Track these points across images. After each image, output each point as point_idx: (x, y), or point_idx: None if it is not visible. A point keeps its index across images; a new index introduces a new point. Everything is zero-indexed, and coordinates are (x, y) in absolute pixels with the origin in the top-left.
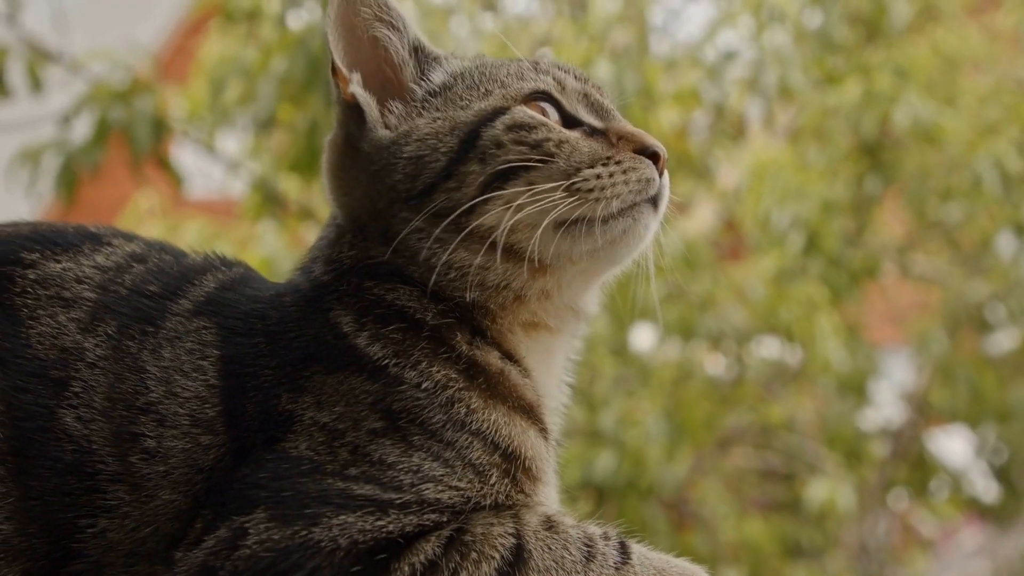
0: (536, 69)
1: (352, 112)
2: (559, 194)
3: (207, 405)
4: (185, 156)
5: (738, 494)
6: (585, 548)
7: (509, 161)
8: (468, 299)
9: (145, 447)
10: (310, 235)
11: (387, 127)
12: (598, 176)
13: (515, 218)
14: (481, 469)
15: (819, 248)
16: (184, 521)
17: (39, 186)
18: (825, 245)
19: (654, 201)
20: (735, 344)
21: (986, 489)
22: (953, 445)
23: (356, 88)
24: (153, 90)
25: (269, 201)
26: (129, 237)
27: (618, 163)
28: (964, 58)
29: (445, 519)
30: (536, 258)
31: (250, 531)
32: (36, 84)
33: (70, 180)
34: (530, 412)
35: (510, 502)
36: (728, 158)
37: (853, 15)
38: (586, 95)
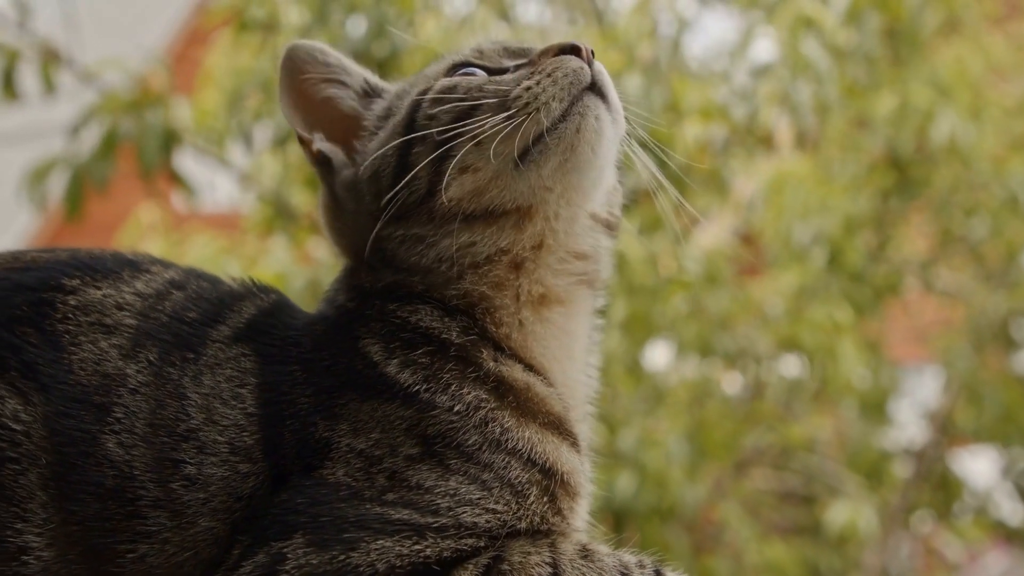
0: (455, 53)
1: (326, 166)
2: (500, 122)
3: (245, 433)
4: (191, 168)
5: (757, 517)
6: None
7: (444, 124)
8: (474, 291)
9: (186, 474)
10: (319, 250)
11: (355, 165)
12: (527, 89)
13: (474, 178)
14: (519, 488)
15: (842, 264)
16: (222, 547)
17: (44, 199)
18: (848, 261)
19: (596, 91)
20: (754, 362)
21: (1012, 511)
22: (978, 466)
23: (320, 144)
24: (165, 101)
25: (280, 215)
26: (167, 264)
27: (541, 71)
28: (989, 69)
29: (482, 544)
30: (512, 205)
31: (288, 556)
32: (49, 86)
33: (77, 194)
34: (560, 426)
35: (547, 524)
36: (745, 169)
37: (884, 28)
38: (505, 48)
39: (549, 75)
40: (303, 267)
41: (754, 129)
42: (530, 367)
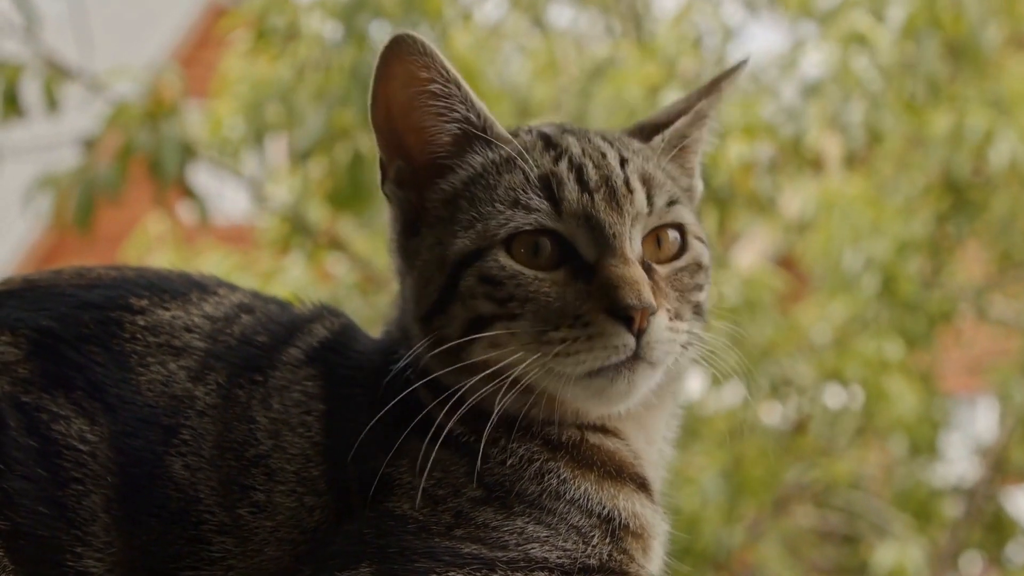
0: (539, 176)
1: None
2: (528, 351)
3: (311, 464)
4: (203, 180)
5: (797, 557)
6: None
7: (480, 312)
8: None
9: (255, 500)
10: (338, 267)
11: (415, 232)
12: (562, 340)
13: (499, 362)
14: (583, 531)
15: (895, 292)
16: (285, 574)
17: (42, 209)
18: (901, 289)
19: (638, 358)
20: (796, 393)
21: None
22: None
23: (389, 189)
24: (179, 112)
25: (297, 231)
26: (233, 287)
27: (584, 326)
28: None
29: None
30: (541, 392)
31: None
32: (52, 104)
33: (88, 206)
34: (620, 473)
35: (615, 563)
36: (790, 188)
37: (943, 43)
38: (587, 217)
39: (588, 339)
40: (321, 286)
41: (802, 149)
42: (588, 426)
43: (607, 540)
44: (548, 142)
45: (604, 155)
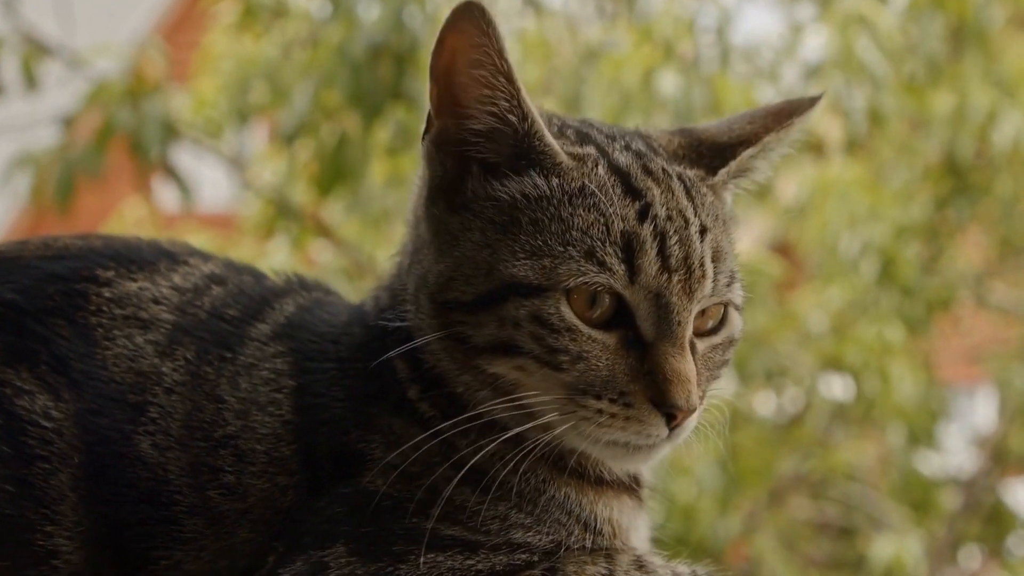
0: (621, 233)
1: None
2: (559, 403)
3: (283, 443)
4: (185, 162)
5: (793, 550)
6: None
7: (519, 345)
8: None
9: (224, 482)
10: (324, 253)
11: (452, 208)
12: (598, 411)
13: (522, 391)
14: (564, 524)
15: (893, 277)
16: (258, 555)
17: (21, 188)
18: (900, 274)
19: (667, 440)
20: (791, 383)
21: None
22: None
23: (428, 145)
24: (163, 90)
25: (282, 215)
26: (206, 256)
27: (626, 406)
28: None
29: (536, 559)
30: (549, 428)
31: (330, 565)
32: (31, 82)
33: (67, 187)
34: (600, 482)
35: (597, 547)
36: (786, 173)
37: (946, 26)
38: (658, 296)
39: (626, 419)
40: (306, 272)
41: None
42: None
43: (587, 535)
44: (628, 184)
45: (687, 221)
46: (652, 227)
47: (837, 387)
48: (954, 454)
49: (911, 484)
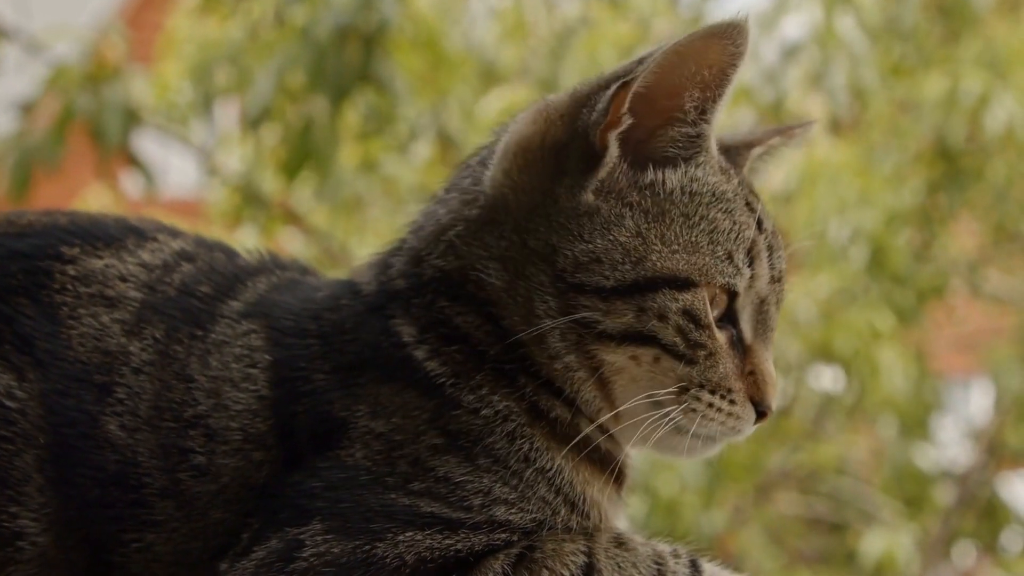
0: (749, 241)
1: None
2: (671, 393)
3: (258, 419)
4: (149, 149)
5: (781, 545)
6: (655, 566)
7: (658, 337)
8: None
9: (195, 463)
10: (293, 242)
11: (596, 192)
12: (709, 405)
13: (617, 377)
14: (550, 503)
15: (884, 265)
16: (232, 533)
17: None
18: (890, 261)
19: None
20: (779, 373)
21: None
22: None
23: (612, 141)
24: (123, 75)
25: (250, 202)
26: (175, 232)
27: (731, 403)
28: None
29: (515, 538)
30: (617, 410)
31: (306, 543)
32: None
33: (24, 176)
34: (602, 463)
35: (578, 527)
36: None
37: (931, 3)
38: (763, 302)
39: (729, 415)
40: None
41: (783, 114)
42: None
43: (572, 515)
44: (747, 195)
45: (778, 237)
46: (765, 240)
47: (826, 378)
48: (948, 447)
49: (904, 478)
